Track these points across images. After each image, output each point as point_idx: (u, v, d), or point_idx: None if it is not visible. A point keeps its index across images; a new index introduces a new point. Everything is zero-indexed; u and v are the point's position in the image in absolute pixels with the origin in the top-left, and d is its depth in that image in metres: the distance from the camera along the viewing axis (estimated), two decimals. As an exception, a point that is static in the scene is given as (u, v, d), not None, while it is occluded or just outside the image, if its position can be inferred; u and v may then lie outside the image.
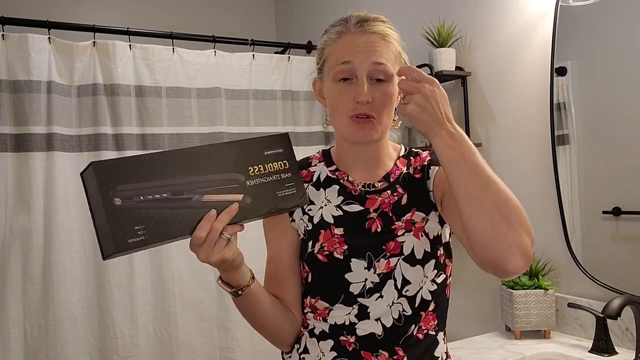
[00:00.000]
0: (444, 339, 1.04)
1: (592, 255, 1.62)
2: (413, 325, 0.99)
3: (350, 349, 0.99)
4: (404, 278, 0.98)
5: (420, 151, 1.10)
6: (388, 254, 0.98)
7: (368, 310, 0.98)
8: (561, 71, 1.67)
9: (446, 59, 1.93)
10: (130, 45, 2.15)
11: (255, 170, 0.88)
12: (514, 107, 1.83)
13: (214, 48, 2.33)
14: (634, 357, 1.41)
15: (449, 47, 1.96)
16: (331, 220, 1.01)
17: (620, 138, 1.53)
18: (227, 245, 0.85)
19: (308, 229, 1.02)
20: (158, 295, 2.13)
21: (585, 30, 1.61)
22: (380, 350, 0.97)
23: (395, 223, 1.00)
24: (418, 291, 0.98)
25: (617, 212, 1.54)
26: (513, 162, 1.84)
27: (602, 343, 1.47)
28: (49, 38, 1.99)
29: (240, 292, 0.94)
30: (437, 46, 1.96)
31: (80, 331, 1.98)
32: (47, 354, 1.92)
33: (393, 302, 0.98)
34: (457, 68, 1.98)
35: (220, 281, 0.95)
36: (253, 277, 0.97)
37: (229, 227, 0.84)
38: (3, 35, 1.92)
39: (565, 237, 1.67)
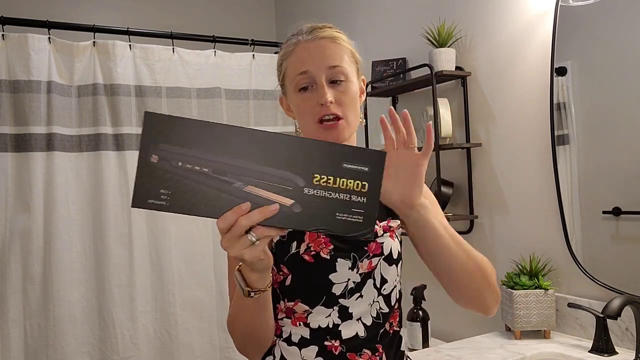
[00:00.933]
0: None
1: (592, 255, 1.62)
2: (387, 322, 1.02)
3: (337, 353, 0.98)
4: (382, 277, 1.00)
5: None
6: (371, 254, 1.00)
7: (350, 311, 0.98)
8: (561, 71, 1.67)
9: (446, 59, 1.93)
10: (130, 45, 2.15)
11: (321, 180, 0.74)
12: (514, 107, 1.83)
13: (214, 48, 2.33)
14: (634, 357, 1.41)
15: (449, 47, 1.96)
16: None
17: (620, 138, 1.53)
18: (251, 246, 0.75)
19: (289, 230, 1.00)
20: (158, 295, 2.14)
21: (585, 30, 1.61)
22: (363, 350, 0.99)
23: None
24: (392, 289, 1.02)
25: (617, 212, 1.54)
26: (513, 162, 1.84)
27: (602, 343, 1.47)
28: (49, 38, 1.99)
29: (252, 294, 0.86)
30: (437, 46, 1.96)
31: (80, 331, 1.98)
32: (47, 354, 1.92)
33: (373, 301, 1.00)
34: (457, 68, 1.98)
35: (238, 272, 0.86)
36: (270, 286, 0.90)
37: (262, 228, 0.74)
38: (3, 35, 1.92)
39: (565, 237, 1.67)
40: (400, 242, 1.05)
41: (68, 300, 1.96)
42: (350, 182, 0.74)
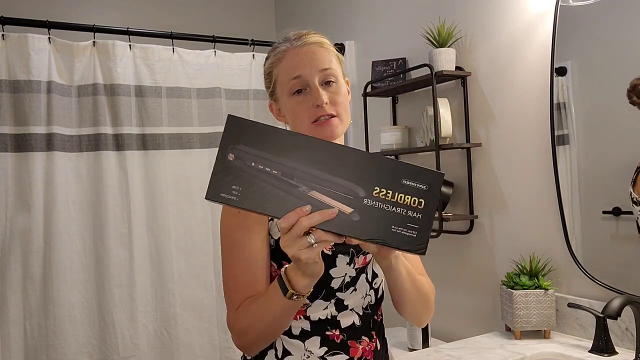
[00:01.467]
0: None
1: (592, 255, 1.62)
2: (376, 312, 1.11)
3: (339, 341, 1.04)
4: (373, 272, 1.10)
5: None
6: (365, 250, 1.04)
7: (345, 303, 1.05)
8: (561, 71, 1.67)
9: (446, 59, 1.93)
10: (130, 45, 2.15)
11: (381, 193, 0.79)
12: (514, 107, 1.83)
13: (214, 48, 2.33)
14: (634, 357, 1.41)
15: (449, 47, 1.96)
16: None
17: (620, 138, 1.53)
18: (308, 248, 0.79)
19: None
20: (158, 295, 2.14)
21: (585, 30, 1.61)
22: (362, 337, 1.07)
23: None
24: (380, 283, 1.12)
25: (617, 212, 1.54)
26: (513, 162, 1.84)
27: (602, 343, 1.47)
28: (49, 38, 1.99)
29: (295, 297, 0.89)
30: (437, 46, 1.96)
31: (80, 331, 1.98)
32: (47, 354, 1.92)
33: (365, 294, 1.08)
34: (457, 68, 1.98)
35: (284, 273, 0.90)
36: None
37: (321, 232, 0.78)
38: (3, 35, 1.92)
39: (565, 237, 1.67)
40: None
41: (68, 300, 1.96)
42: (408, 198, 0.79)
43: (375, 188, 0.78)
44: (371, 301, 1.09)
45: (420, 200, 0.79)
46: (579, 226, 1.65)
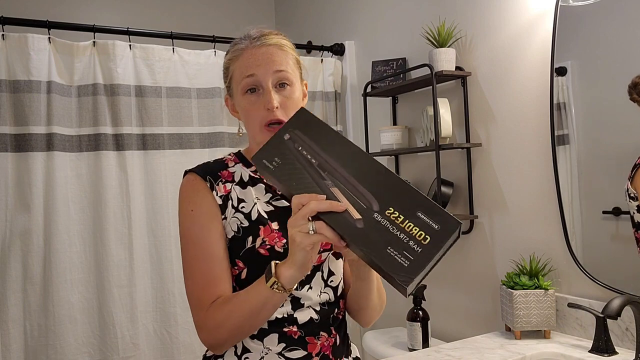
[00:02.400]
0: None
1: (592, 255, 1.62)
2: (335, 309, 1.13)
3: (296, 337, 1.06)
4: (329, 270, 1.12)
5: None
6: (321, 249, 1.08)
7: (302, 302, 1.07)
8: (561, 71, 1.67)
9: (446, 59, 1.93)
10: (130, 45, 2.15)
11: (392, 215, 0.82)
12: (514, 107, 1.83)
13: (214, 48, 2.33)
14: (634, 357, 1.41)
15: (449, 47, 1.96)
16: (266, 216, 1.07)
17: (621, 138, 1.53)
18: (306, 233, 0.84)
19: (243, 225, 1.06)
20: (158, 295, 2.14)
21: (585, 30, 1.61)
22: (320, 333, 1.09)
23: None
24: (339, 281, 1.14)
25: (617, 212, 1.54)
26: (513, 162, 1.84)
27: (602, 343, 1.47)
28: (49, 38, 1.99)
29: (276, 286, 0.92)
30: (437, 46, 1.96)
31: (80, 331, 1.98)
32: (47, 354, 1.92)
33: (320, 292, 1.10)
34: (457, 68, 1.98)
35: (275, 263, 0.93)
36: (290, 292, 0.98)
37: (324, 226, 0.83)
38: (3, 35, 1.92)
39: (565, 237, 1.67)
40: None
41: (68, 300, 1.96)
42: (415, 229, 0.80)
43: (390, 208, 0.82)
44: (329, 299, 1.11)
45: (427, 236, 0.80)
46: (579, 226, 1.65)
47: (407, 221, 0.81)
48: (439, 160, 1.90)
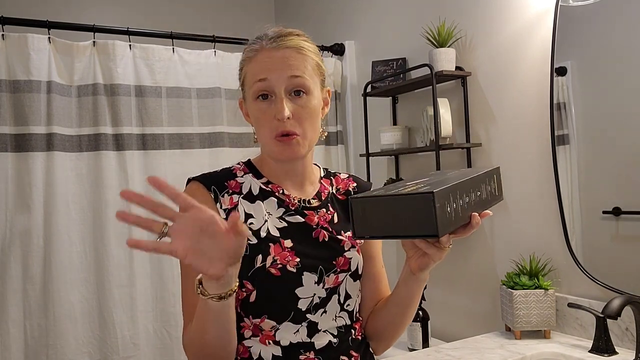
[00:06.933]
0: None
1: (592, 255, 1.62)
2: (353, 330, 1.04)
3: None
4: (346, 293, 1.02)
5: (338, 172, 1.15)
6: (338, 270, 1.00)
7: (319, 327, 0.98)
8: (561, 71, 1.67)
9: (446, 59, 1.93)
10: (130, 45, 2.15)
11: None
12: (514, 107, 1.83)
13: (214, 48, 2.33)
14: (634, 357, 1.41)
15: (449, 47, 1.96)
16: (277, 233, 0.98)
17: (621, 138, 1.53)
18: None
19: (252, 243, 0.96)
20: (158, 295, 2.14)
21: (585, 30, 1.61)
22: (340, 357, 1.00)
23: (340, 236, 1.03)
24: (354, 305, 1.04)
25: (617, 212, 1.54)
26: (513, 162, 1.84)
27: (602, 343, 1.47)
28: (49, 38, 1.99)
29: (199, 289, 0.80)
30: (437, 46, 1.96)
31: (80, 331, 1.98)
32: (47, 354, 1.92)
33: (336, 316, 1.00)
34: (457, 68, 1.98)
35: (197, 280, 0.81)
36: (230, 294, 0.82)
37: None
38: (3, 35, 1.92)
39: (565, 237, 1.67)
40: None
41: (68, 300, 1.96)
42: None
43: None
44: (345, 323, 1.02)
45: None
46: (579, 226, 1.65)
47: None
48: (439, 161, 1.90)
